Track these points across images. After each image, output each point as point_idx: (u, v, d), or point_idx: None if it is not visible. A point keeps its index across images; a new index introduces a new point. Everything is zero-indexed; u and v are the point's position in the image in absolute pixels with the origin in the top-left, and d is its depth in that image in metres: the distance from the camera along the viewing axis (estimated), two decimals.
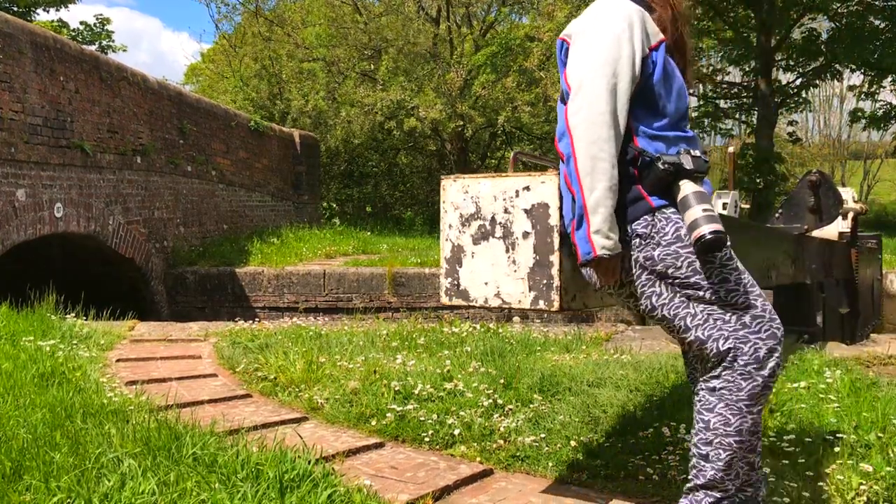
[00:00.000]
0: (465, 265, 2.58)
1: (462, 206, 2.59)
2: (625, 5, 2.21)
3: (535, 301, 2.42)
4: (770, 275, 5.27)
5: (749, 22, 24.82)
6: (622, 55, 2.13)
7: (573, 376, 4.09)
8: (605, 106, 2.10)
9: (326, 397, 3.86)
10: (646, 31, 2.19)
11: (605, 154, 2.10)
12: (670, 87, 2.22)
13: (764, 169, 22.62)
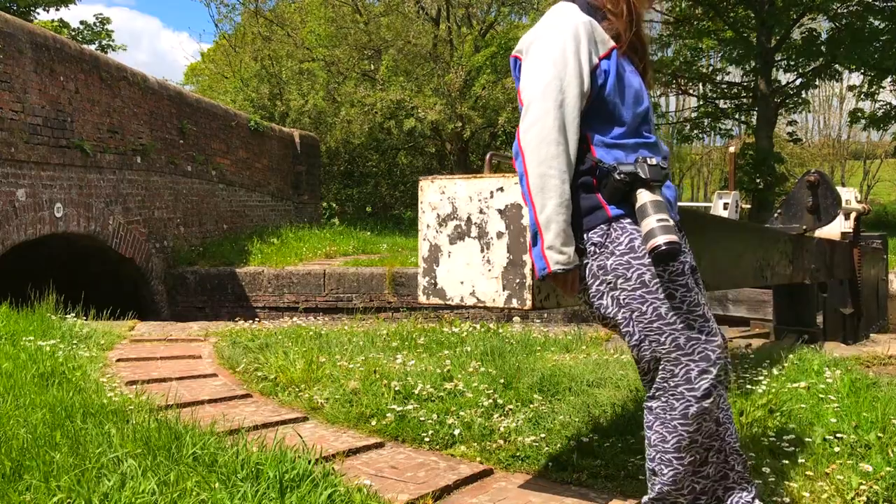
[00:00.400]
0: (442, 265, 2.62)
1: (439, 207, 2.63)
2: (572, 17, 2.20)
3: (508, 300, 2.46)
4: (765, 274, 5.28)
5: (749, 22, 24.83)
6: (568, 71, 2.14)
7: (573, 376, 4.09)
8: (553, 123, 2.12)
9: (326, 397, 3.86)
10: (594, 41, 2.19)
11: (554, 171, 2.12)
12: (624, 94, 2.21)
13: (764, 169, 22.64)
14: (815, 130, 44.71)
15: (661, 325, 2.13)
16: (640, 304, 2.14)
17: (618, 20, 2.23)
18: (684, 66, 27.08)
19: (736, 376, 4.07)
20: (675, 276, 2.15)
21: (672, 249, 2.04)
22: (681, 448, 2.14)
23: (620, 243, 2.16)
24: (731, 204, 10.55)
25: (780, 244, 5.81)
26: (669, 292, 2.14)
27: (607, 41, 2.21)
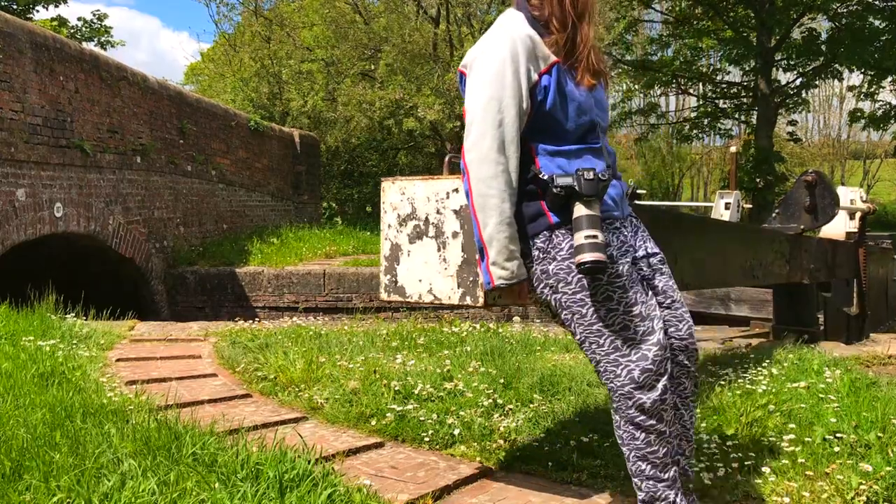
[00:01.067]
0: (402, 263, 2.70)
1: (400, 207, 2.71)
2: (513, 33, 2.23)
3: (462, 297, 2.54)
4: (756, 274, 5.32)
5: (749, 22, 24.83)
6: (506, 91, 2.19)
7: (573, 376, 4.09)
8: (492, 143, 2.19)
9: (326, 397, 3.86)
10: (534, 58, 2.22)
11: (493, 191, 2.20)
12: (567, 107, 2.25)
13: (764, 169, 22.64)
14: (815, 130, 44.72)
15: (601, 327, 2.23)
16: (581, 307, 2.24)
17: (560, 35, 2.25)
18: (684, 66, 27.07)
19: (736, 376, 4.07)
20: (614, 279, 2.23)
21: (596, 267, 2.13)
22: (651, 442, 2.22)
23: (562, 249, 2.24)
24: (733, 204, 10.54)
25: (774, 244, 5.82)
26: (608, 295, 2.22)
27: (548, 56, 2.24)
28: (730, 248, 4.87)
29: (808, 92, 27.70)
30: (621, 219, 2.34)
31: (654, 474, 2.24)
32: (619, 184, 2.38)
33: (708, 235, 4.61)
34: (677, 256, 4.05)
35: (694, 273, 4.27)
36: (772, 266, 5.73)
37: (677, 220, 4.45)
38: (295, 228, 15.25)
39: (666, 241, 3.90)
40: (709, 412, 3.42)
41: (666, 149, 38.10)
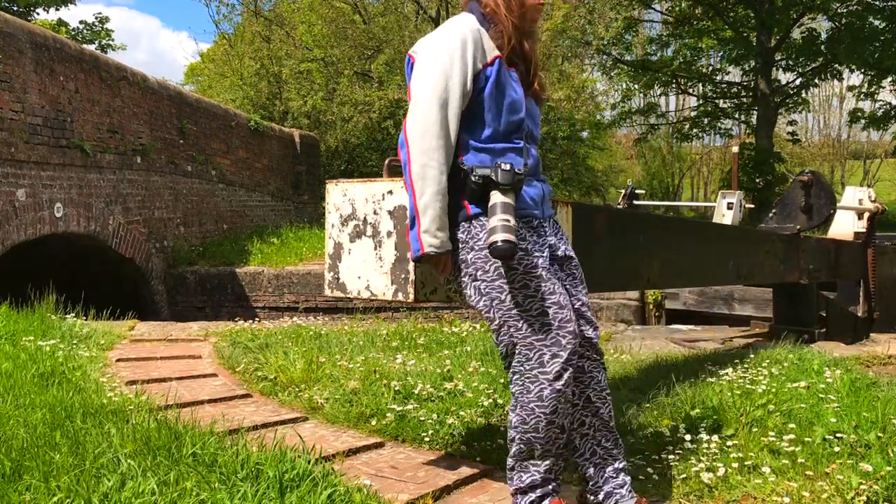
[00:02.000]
0: (343, 261, 2.85)
1: (342, 208, 2.86)
2: (463, 24, 2.41)
3: (395, 293, 2.68)
4: (742, 273, 5.38)
5: (749, 22, 24.82)
6: (453, 72, 2.34)
7: None
8: (436, 118, 2.32)
9: (326, 397, 3.86)
10: (482, 48, 2.38)
11: (434, 162, 2.32)
12: (501, 101, 2.40)
13: (764, 169, 22.64)
14: (815, 130, 44.73)
15: (518, 312, 2.34)
16: (499, 293, 2.36)
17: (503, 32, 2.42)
18: (684, 66, 27.08)
19: (736, 376, 4.07)
20: (530, 269, 2.35)
21: (507, 248, 2.21)
22: (539, 428, 2.33)
23: (479, 239, 2.36)
24: (736, 204, 10.56)
25: (766, 244, 5.86)
26: (524, 283, 2.34)
27: (493, 50, 2.41)
28: (708, 249, 4.96)
29: (807, 92, 27.70)
30: (541, 218, 2.49)
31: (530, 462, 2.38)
32: (540, 186, 2.52)
33: (680, 236, 4.70)
34: (652, 259, 4.17)
35: (669, 275, 4.38)
36: (763, 266, 5.78)
37: (649, 222, 4.57)
38: (295, 228, 15.26)
39: (635, 243, 4.09)
40: (709, 412, 3.42)
41: (666, 149, 38.12)
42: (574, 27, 21.15)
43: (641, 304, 12.93)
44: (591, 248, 3.65)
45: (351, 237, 2.83)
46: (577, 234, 3.44)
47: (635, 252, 4.14)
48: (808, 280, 6.52)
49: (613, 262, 3.96)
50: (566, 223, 3.35)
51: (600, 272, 3.81)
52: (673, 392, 3.72)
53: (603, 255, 3.81)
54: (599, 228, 3.80)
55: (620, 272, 4.08)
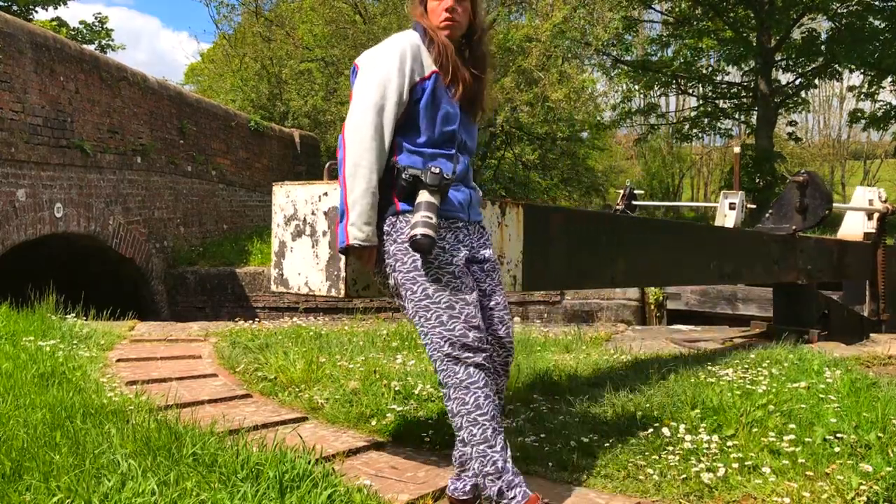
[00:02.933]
0: (286, 258, 3.01)
1: (285, 208, 3.02)
2: (404, 39, 2.61)
3: (329, 289, 2.84)
4: (726, 273, 5.49)
5: (749, 22, 24.83)
6: (390, 82, 2.52)
7: (573, 376, 4.09)
8: (371, 123, 2.50)
9: (326, 397, 3.86)
10: (420, 63, 2.58)
11: (365, 161, 2.49)
12: (435, 113, 2.59)
13: (764, 169, 22.63)
14: (815, 130, 44.72)
15: (429, 303, 2.52)
16: (413, 284, 2.54)
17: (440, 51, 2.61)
18: (684, 67, 27.07)
19: (736, 376, 4.07)
20: (443, 265, 2.53)
21: (425, 241, 2.40)
22: (468, 411, 2.46)
23: (402, 233, 2.54)
24: (738, 204, 10.57)
25: (754, 245, 5.90)
26: (436, 277, 2.52)
27: (431, 65, 2.60)
28: (682, 248, 5.10)
29: (807, 92, 27.71)
30: (466, 222, 2.66)
31: (485, 438, 2.45)
32: (469, 192, 2.70)
33: (650, 237, 4.84)
34: (613, 260, 4.39)
35: (627, 271, 4.51)
36: (752, 266, 5.84)
37: (608, 221, 4.70)
38: None
39: (594, 240, 4.28)
40: (709, 412, 3.42)
41: (666, 149, 38.09)
42: (574, 28, 21.15)
43: (641, 305, 12.93)
44: (547, 247, 3.82)
45: (293, 236, 2.98)
46: (530, 234, 3.60)
47: (597, 252, 4.29)
48: (806, 280, 6.51)
49: (571, 261, 4.09)
50: (517, 224, 3.55)
51: (556, 271, 3.96)
52: (673, 392, 3.72)
53: (559, 254, 3.94)
54: (555, 229, 3.93)
55: (580, 271, 4.22)
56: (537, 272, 3.74)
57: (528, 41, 20.26)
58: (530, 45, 20.07)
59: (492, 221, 3.43)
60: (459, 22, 2.64)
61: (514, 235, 3.56)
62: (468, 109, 2.71)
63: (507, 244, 3.52)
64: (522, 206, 3.64)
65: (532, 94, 19.81)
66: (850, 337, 7.04)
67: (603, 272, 4.39)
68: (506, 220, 3.52)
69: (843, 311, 7.69)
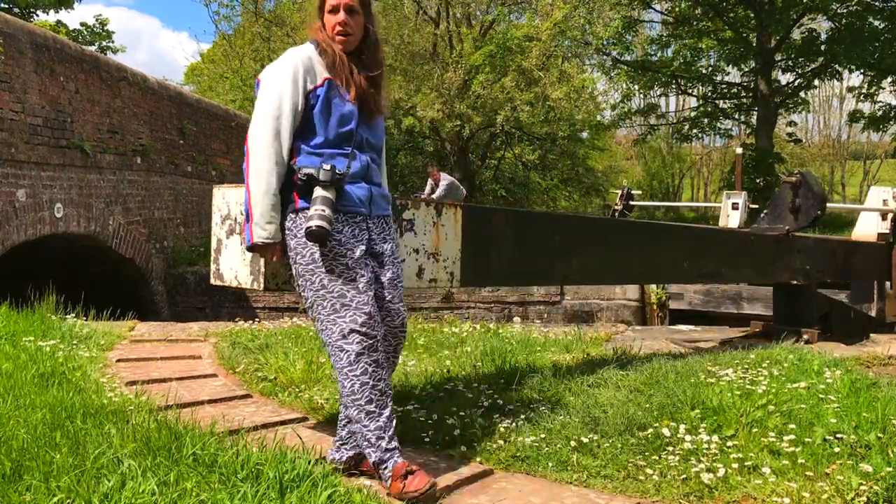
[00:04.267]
0: (222, 254, 3.27)
1: (222, 209, 3.27)
2: (298, 53, 2.86)
3: (252, 282, 3.11)
4: (703, 273, 5.70)
5: (749, 22, 24.83)
6: (285, 93, 2.77)
7: (573, 376, 4.09)
8: (270, 130, 2.75)
9: (326, 397, 3.86)
10: (313, 72, 2.82)
11: (265, 165, 2.73)
12: (329, 116, 2.82)
13: (763, 169, 22.63)
14: (815, 131, 44.74)
15: (324, 292, 2.74)
16: (311, 275, 2.76)
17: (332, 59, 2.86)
18: (684, 67, 27.08)
19: (736, 376, 4.07)
20: (338, 257, 2.75)
21: (319, 232, 2.62)
22: (355, 391, 2.70)
23: (301, 228, 2.74)
24: (741, 204, 10.59)
25: (740, 245, 5.94)
26: (331, 268, 2.74)
27: (323, 73, 2.84)
28: (649, 247, 5.26)
29: (807, 92, 27.70)
30: (367, 216, 2.87)
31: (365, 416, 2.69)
32: (369, 188, 2.89)
33: (609, 236, 5.03)
34: (561, 254, 4.58)
35: (582, 270, 4.74)
36: (735, 266, 5.90)
37: (561, 221, 4.92)
38: None
39: (544, 239, 4.47)
40: (709, 412, 3.42)
41: (666, 149, 38.11)
42: (574, 27, 21.14)
43: (642, 305, 12.93)
44: (488, 247, 4.06)
45: (227, 234, 3.24)
46: (469, 233, 3.85)
47: (549, 251, 4.45)
48: (803, 280, 6.51)
49: (519, 259, 4.28)
50: (455, 224, 3.81)
51: (501, 268, 4.18)
52: (673, 392, 3.72)
53: (504, 252, 4.15)
54: (498, 229, 4.14)
55: (529, 269, 4.41)
56: (478, 269, 4.01)
57: (528, 40, 20.25)
58: (530, 45, 20.06)
59: (426, 221, 3.67)
60: (352, 34, 2.88)
61: (452, 235, 3.80)
62: (367, 110, 2.91)
63: (443, 243, 3.76)
64: (461, 208, 3.87)
65: (532, 93, 19.81)
66: (855, 338, 7.02)
67: (556, 270, 4.57)
68: (442, 220, 3.75)
69: (849, 311, 7.68)
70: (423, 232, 3.68)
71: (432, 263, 3.74)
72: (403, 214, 3.62)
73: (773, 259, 6.25)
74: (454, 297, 12.70)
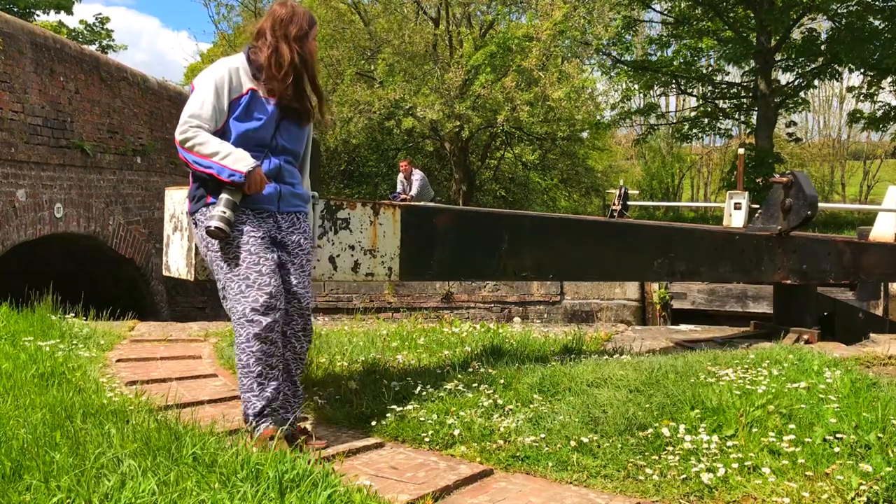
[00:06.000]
0: (170, 248, 3.69)
1: (169, 208, 3.69)
2: (226, 63, 3.20)
3: (187, 273, 3.53)
4: (677, 271, 5.80)
5: (749, 22, 24.83)
6: (208, 97, 3.11)
7: (573, 376, 4.09)
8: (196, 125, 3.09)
9: (326, 397, 3.86)
10: (238, 82, 3.16)
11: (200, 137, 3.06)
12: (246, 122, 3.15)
13: (763, 169, 22.63)
14: (815, 131, 44.72)
15: (231, 276, 3.10)
16: (221, 261, 3.13)
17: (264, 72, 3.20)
18: (684, 67, 27.07)
19: (736, 376, 4.07)
20: (242, 245, 3.10)
21: (217, 231, 3.02)
22: (250, 364, 3.06)
23: None
24: (744, 204, 10.61)
25: (721, 244, 5.97)
26: (236, 254, 3.10)
27: (249, 83, 3.17)
28: (612, 245, 5.50)
29: (807, 92, 27.68)
30: (275, 212, 3.21)
31: (251, 387, 3.06)
32: (277, 187, 3.21)
33: (561, 235, 5.24)
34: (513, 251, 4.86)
35: (537, 266, 5.06)
36: (715, 265, 5.95)
37: (515, 220, 5.11)
38: None
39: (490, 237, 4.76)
40: (708, 412, 3.42)
41: (666, 149, 38.09)
42: (574, 27, 21.13)
43: (642, 305, 12.94)
44: (431, 243, 4.40)
45: (172, 231, 3.62)
46: (407, 231, 4.19)
47: (496, 247, 4.76)
48: (799, 281, 6.49)
49: (464, 254, 4.62)
50: (393, 223, 4.17)
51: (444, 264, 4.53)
52: (672, 392, 3.72)
53: (448, 249, 4.50)
54: (442, 227, 4.47)
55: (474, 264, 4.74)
56: (419, 265, 4.38)
57: (528, 40, 20.24)
58: (530, 45, 20.05)
59: (363, 220, 4.08)
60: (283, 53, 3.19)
61: (390, 233, 4.16)
62: (293, 117, 3.25)
63: (380, 240, 4.14)
64: (399, 208, 4.20)
65: (532, 93, 19.80)
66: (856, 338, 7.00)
67: (504, 266, 4.82)
68: (380, 219, 4.13)
69: (857, 312, 7.66)
70: (360, 230, 4.07)
71: (369, 259, 4.11)
72: (338, 214, 4.00)
73: (760, 259, 6.24)
74: (454, 296, 12.70)
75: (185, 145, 3.08)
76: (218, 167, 3.03)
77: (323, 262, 3.97)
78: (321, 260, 3.96)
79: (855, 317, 7.59)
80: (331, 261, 4.00)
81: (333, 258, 4.01)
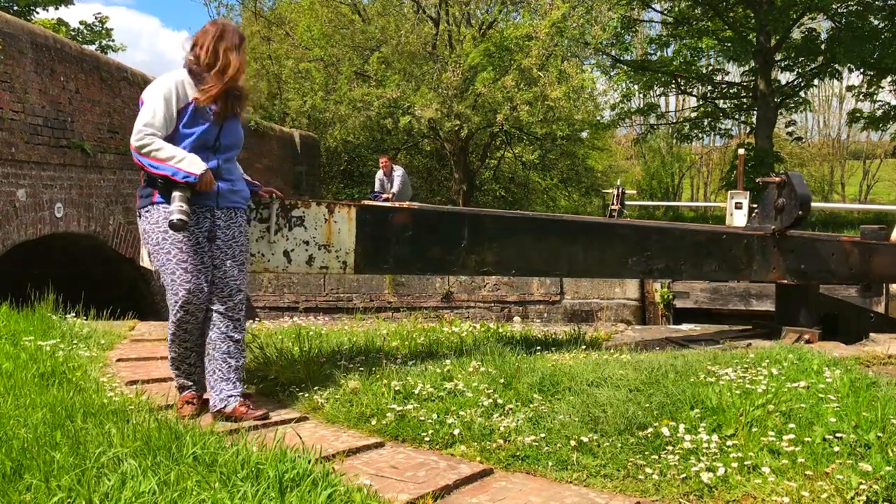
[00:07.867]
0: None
1: None
2: (171, 77, 3.59)
3: (149, 264, 3.78)
4: (654, 268, 5.85)
5: (749, 22, 24.82)
6: (158, 109, 3.50)
7: (573, 376, 4.09)
8: (150, 132, 3.47)
9: (326, 397, 3.86)
10: (184, 93, 3.56)
11: (155, 145, 3.46)
12: (192, 129, 3.56)
13: (763, 169, 22.61)
14: (815, 130, 44.70)
15: (164, 269, 3.55)
16: (157, 254, 3.57)
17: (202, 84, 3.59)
18: (683, 67, 27.06)
19: (736, 376, 4.07)
20: (176, 242, 3.52)
21: (178, 223, 3.38)
22: (172, 346, 3.64)
23: (156, 218, 3.55)
24: (745, 204, 10.61)
25: (704, 243, 5.98)
26: (169, 250, 3.53)
27: (193, 94, 3.57)
28: (575, 243, 5.56)
29: (807, 92, 27.67)
30: (214, 208, 3.62)
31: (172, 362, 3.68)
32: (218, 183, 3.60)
33: (525, 233, 5.34)
34: (473, 248, 5.04)
35: (500, 262, 5.20)
36: (699, 264, 5.97)
37: (476, 218, 5.21)
38: None
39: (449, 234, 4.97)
40: (708, 412, 3.42)
41: (665, 149, 38.06)
42: (573, 27, 21.11)
43: (642, 305, 12.92)
44: (388, 240, 4.68)
45: None
46: (362, 229, 4.50)
47: (457, 244, 4.99)
48: (797, 281, 6.48)
49: (420, 250, 4.84)
50: (348, 221, 4.47)
51: (400, 259, 4.79)
52: (672, 392, 3.72)
53: (403, 245, 4.75)
54: (399, 224, 4.72)
55: (431, 259, 4.95)
56: (375, 259, 4.67)
57: (527, 40, 20.23)
58: (529, 44, 20.04)
59: (318, 218, 4.38)
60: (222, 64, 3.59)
61: (345, 230, 4.46)
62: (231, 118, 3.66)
63: (335, 236, 4.43)
64: (355, 207, 4.51)
65: (531, 93, 19.78)
66: (859, 337, 6.98)
67: (464, 262, 5.03)
68: (335, 217, 4.43)
69: (866, 313, 7.62)
70: (315, 227, 4.37)
71: (323, 253, 4.41)
72: (293, 212, 4.32)
73: (752, 258, 6.23)
74: (454, 296, 12.70)
75: (142, 151, 3.46)
76: (173, 170, 3.43)
77: (277, 256, 4.28)
78: (276, 254, 4.27)
79: (864, 317, 7.55)
80: (285, 254, 4.31)
81: (288, 252, 4.32)
